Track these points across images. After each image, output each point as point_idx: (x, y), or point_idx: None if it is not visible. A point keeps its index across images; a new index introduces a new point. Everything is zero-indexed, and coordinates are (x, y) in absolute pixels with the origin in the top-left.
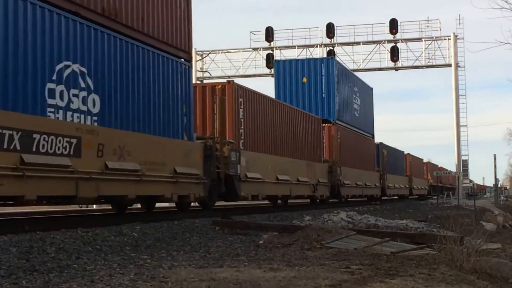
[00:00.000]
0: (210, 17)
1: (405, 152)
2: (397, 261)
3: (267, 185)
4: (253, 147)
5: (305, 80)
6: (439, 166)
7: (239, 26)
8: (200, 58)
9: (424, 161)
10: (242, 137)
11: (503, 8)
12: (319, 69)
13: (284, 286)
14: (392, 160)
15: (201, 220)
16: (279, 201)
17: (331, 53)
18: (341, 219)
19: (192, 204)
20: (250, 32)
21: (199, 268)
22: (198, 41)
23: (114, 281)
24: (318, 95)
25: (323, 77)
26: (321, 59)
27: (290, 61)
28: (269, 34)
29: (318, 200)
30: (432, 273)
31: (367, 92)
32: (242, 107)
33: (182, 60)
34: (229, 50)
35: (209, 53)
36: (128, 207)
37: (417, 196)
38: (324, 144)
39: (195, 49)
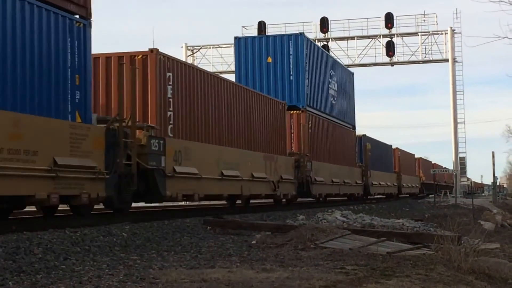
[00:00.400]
0: (201, 11)
1: (394, 147)
2: (393, 262)
3: (206, 182)
4: (187, 134)
5: (270, 60)
6: (433, 162)
7: (231, 20)
8: (191, 53)
9: (415, 156)
10: (171, 122)
11: (501, 1)
12: (286, 48)
13: (278, 287)
14: (378, 155)
15: (192, 219)
16: (238, 201)
17: (325, 48)
18: (336, 218)
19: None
20: (242, 26)
21: (190, 268)
22: (189, 36)
23: (103, 282)
24: (286, 77)
25: (291, 56)
26: (289, 35)
27: (253, 38)
28: (262, 28)
29: (283, 200)
30: (429, 273)
31: (346, 77)
32: (171, 83)
33: (77, 16)
34: (220, 45)
35: (200, 48)
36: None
37: (407, 195)
38: (293, 135)
39: (186, 44)
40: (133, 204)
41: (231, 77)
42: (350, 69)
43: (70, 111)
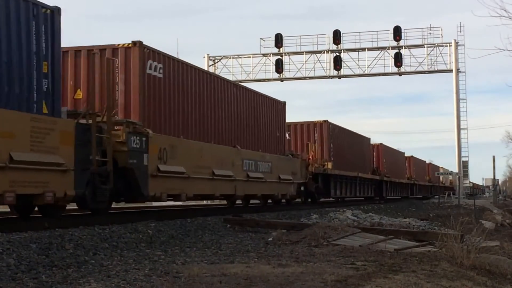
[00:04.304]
0: (222, 24)
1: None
2: (400, 258)
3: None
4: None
5: None
6: (381, 143)
7: (250, 32)
8: (213, 63)
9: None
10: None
11: (502, 16)
12: None
13: (292, 281)
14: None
15: (213, 218)
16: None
17: (337, 59)
18: (347, 218)
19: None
20: (260, 38)
21: (211, 264)
22: (211, 47)
23: (129, 276)
24: None
25: None
26: None
27: None
28: (279, 40)
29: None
30: (434, 269)
31: None
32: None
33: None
34: (240, 56)
35: (221, 59)
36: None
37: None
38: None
39: (208, 54)
40: (162, 203)
41: (250, 85)
42: (361, 79)
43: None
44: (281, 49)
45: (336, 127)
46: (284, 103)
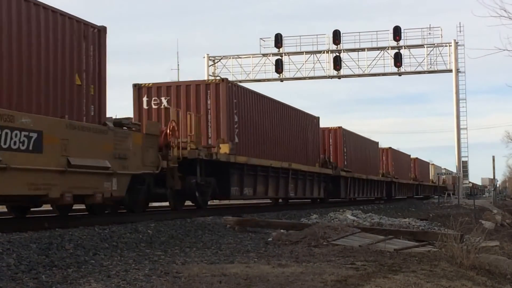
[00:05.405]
0: (222, 24)
1: None
2: (400, 258)
3: None
4: None
5: None
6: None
7: (250, 32)
8: (212, 63)
9: None
10: None
11: (501, 16)
12: None
13: (292, 281)
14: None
15: (213, 218)
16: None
17: (337, 59)
18: (347, 218)
19: None
20: (260, 38)
21: (211, 264)
22: (211, 47)
23: (129, 276)
24: None
25: None
26: None
27: None
28: (278, 40)
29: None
30: (434, 269)
31: None
32: None
33: None
34: (240, 56)
35: (221, 59)
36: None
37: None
38: None
39: (207, 54)
40: (163, 204)
41: (250, 85)
42: (361, 79)
43: None
44: (281, 49)
45: (246, 91)
46: (102, 28)
